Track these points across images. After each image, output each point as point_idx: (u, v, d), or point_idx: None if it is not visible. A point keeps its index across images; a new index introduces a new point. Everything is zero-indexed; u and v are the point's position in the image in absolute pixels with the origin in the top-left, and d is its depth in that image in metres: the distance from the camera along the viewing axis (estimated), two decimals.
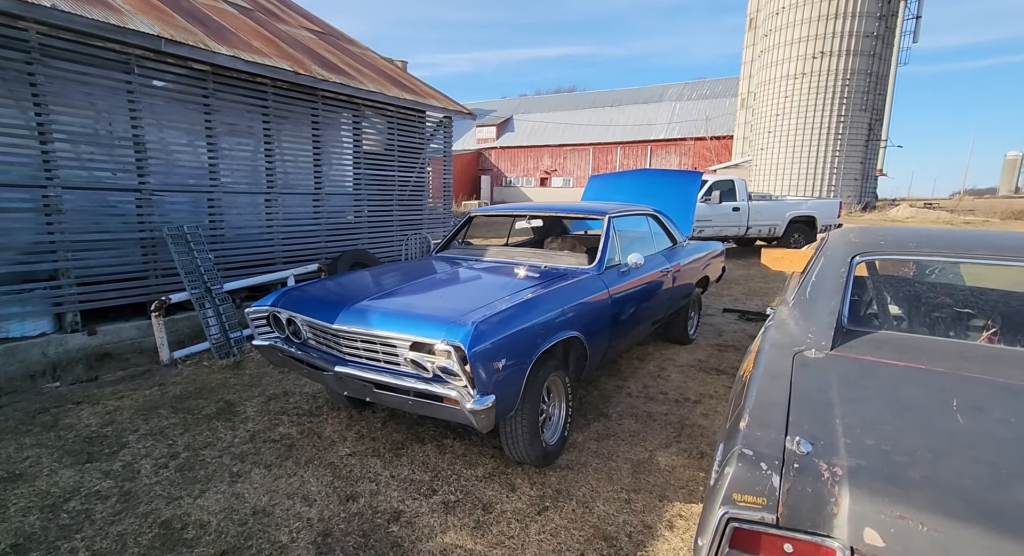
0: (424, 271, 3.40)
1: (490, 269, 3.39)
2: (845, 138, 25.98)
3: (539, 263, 3.45)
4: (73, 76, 4.12)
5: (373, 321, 2.48)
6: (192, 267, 4.56)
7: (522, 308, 2.54)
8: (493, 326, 2.31)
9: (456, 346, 2.18)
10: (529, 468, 2.71)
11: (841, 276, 1.95)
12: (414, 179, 7.24)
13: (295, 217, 5.95)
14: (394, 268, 3.59)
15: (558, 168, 38.22)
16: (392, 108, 6.86)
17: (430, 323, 2.34)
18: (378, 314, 2.51)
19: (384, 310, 2.54)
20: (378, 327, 2.44)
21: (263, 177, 5.58)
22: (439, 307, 2.56)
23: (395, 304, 2.63)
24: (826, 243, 2.52)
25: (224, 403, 3.51)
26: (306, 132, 5.99)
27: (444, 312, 2.42)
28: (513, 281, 3.03)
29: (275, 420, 3.26)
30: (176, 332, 4.71)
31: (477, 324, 2.25)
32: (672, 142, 33.98)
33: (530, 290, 2.79)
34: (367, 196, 6.72)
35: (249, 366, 4.24)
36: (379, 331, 2.42)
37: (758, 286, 8.15)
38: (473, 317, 2.32)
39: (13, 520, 2.24)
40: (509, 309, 2.47)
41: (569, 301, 2.84)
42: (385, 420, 3.26)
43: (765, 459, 1.08)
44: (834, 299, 1.86)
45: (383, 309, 2.55)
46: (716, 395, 3.72)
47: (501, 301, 2.57)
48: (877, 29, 25.48)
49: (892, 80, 28.43)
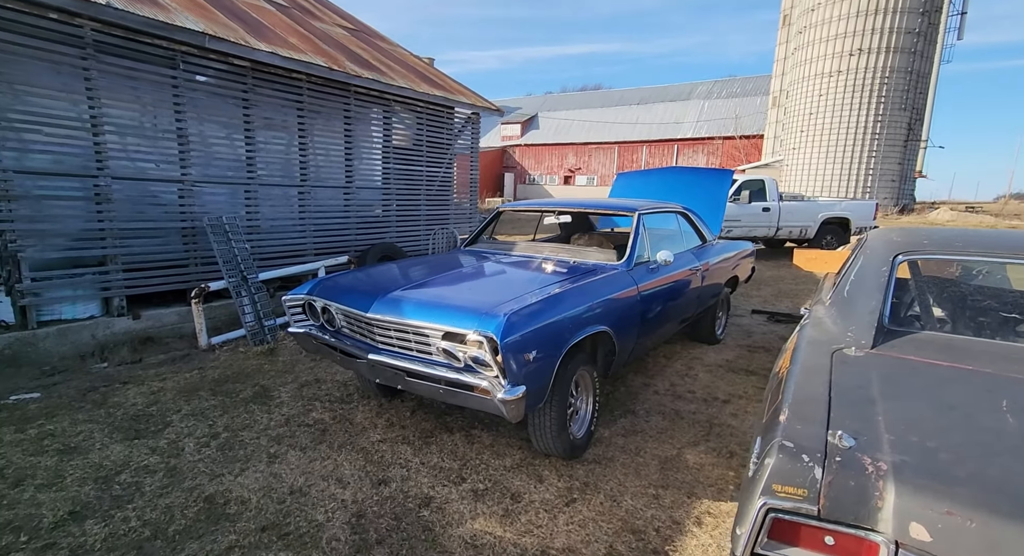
0: (454, 264, 3.45)
1: (519, 263, 3.43)
2: (883, 138, 25.18)
3: (567, 258, 3.47)
4: (123, 71, 4.29)
5: (406, 310, 2.54)
6: (230, 256, 4.71)
7: (552, 301, 2.56)
8: (524, 318, 2.34)
9: (488, 337, 2.22)
10: (556, 460, 2.74)
11: (883, 275, 1.92)
12: (441, 175, 7.32)
13: (326, 210, 6.09)
14: (424, 260, 3.65)
15: (582, 166, 38.02)
16: (421, 104, 6.94)
17: (462, 314, 2.38)
18: (411, 304, 2.57)
19: (417, 300, 2.59)
20: (411, 316, 2.49)
21: (296, 170, 5.72)
22: (471, 298, 2.61)
23: (428, 294, 2.69)
24: (865, 242, 2.48)
25: (260, 388, 3.62)
26: (338, 127, 6.11)
27: (476, 303, 2.46)
28: (542, 275, 3.06)
29: (308, 406, 3.36)
30: (213, 319, 4.88)
31: (509, 316, 2.29)
32: (700, 141, 33.46)
33: (559, 284, 2.81)
34: (396, 191, 6.82)
35: (283, 353, 4.36)
36: (412, 320, 2.48)
37: (788, 288, 7.99)
38: (505, 309, 2.35)
39: (70, 489, 2.37)
40: (540, 302, 2.50)
41: (598, 296, 2.85)
42: (414, 409, 3.32)
43: (807, 451, 1.08)
44: (875, 298, 1.83)
45: (416, 299, 2.61)
46: (746, 396, 3.68)
47: (531, 294, 2.60)
48: (919, 25, 24.59)
49: (934, 78, 27.43)
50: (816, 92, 25.96)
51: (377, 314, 2.60)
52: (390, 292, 2.71)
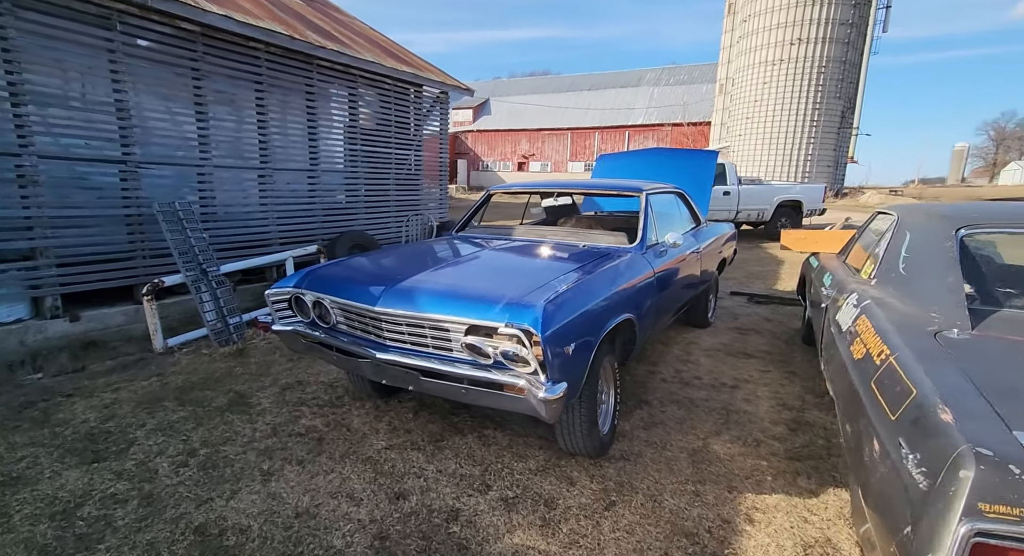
0: (455, 251, 3.17)
1: (526, 249, 3.19)
2: (820, 125, 26.46)
3: (576, 242, 3.26)
4: (48, 30, 3.66)
5: (422, 303, 2.25)
6: (186, 247, 4.20)
7: (584, 288, 2.35)
8: (561, 307, 2.12)
9: (526, 330, 1.98)
10: (583, 460, 2.55)
11: (949, 251, 1.83)
12: (412, 158, 6.91)
13: (290, 195, 5.59)
14: (419, 248, 3.34)
15: (536, 152, 37.89)
16: (389, 81, 6.49)
17: (490, 304, 2.13)
18: (427, 295, 2.28)
19: (433, 291, 2.31)
20: (428, 309, 2.22)
21: (256, 151, 5.19)
22: (494, 287, 2.35)
23: (444, 284, 2.41)
24: (901, 219, 2.40)
25: (235, 394, 3.22)
26: (300, 104, 5.59)
27: (503, 292, 2.21)
28: (558, 261, 2.84)
29: (295, 412, 3.00)
30: (167, 318, 4.35)
31: (546, 305, 2.06)
32: (650, 127, 34.03)
33: (581, 270, 2.60)
34: (364, 175, 6.37)
35: (253, 354, 3.94)
36: (430, 314, 2.20)
37: (756, 270, 8.17)
38: (539, 298, 2.12)
39: (20, 530, 1.95)
40: (572, 289, 2.28)
41: (623, 281, 2.67)
42: (416, 409, 3.04)
43: (1014, 461, 0.93)
44: (950, 275, 1.73)
45: (432, 289, 2.32)
46: (752, 380, 3.63)
47: (558, 281, 2.37)
48: (852, 17, 25.84)
49: (864, 69, 29.02)
50: (760, 80, 26.88)
51: (387, 308, 2.29)
52: (399, 282, 2.41)
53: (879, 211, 3.23)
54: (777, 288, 6.94)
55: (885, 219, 2.79)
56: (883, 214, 3.01)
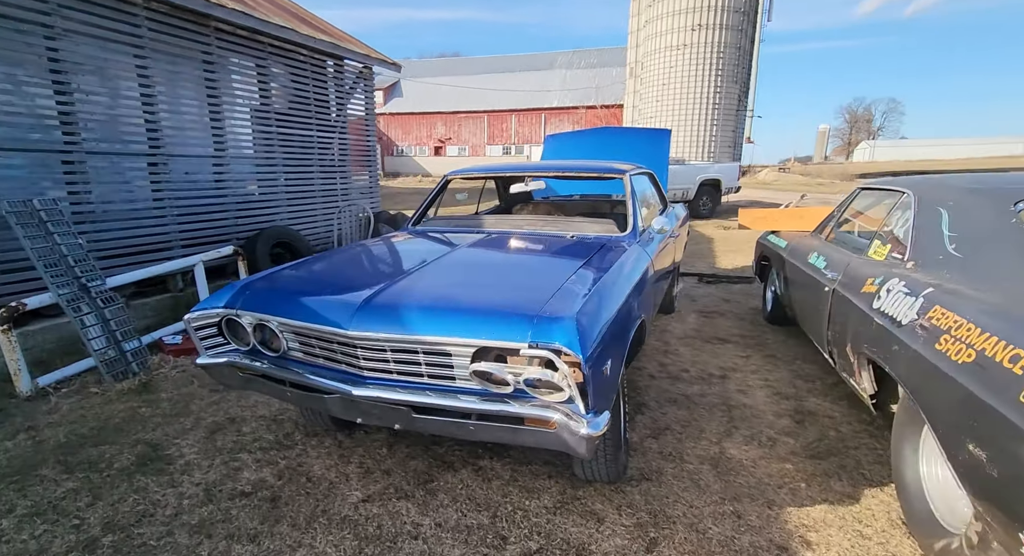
0: (425, 250, 2.65)
1: (509, 243, 2.74)
2: (721, 107, 27.97)
3: (560, 233, 2.87)
4: None
5: (412, 322, 1.75)
6: (55, 257, 3.27)
7: (605, 291, 1.97)
8: (593, 318, 1.72)
9: (558, 350, 1.57)
10: (602, 487, 2.20)
11: (1013, 228, 1.65)
12: (337, 142, 6.12)
13: (192, 188, 4.66)
14: (379, 250, 2.78)
15: (453, 136, 36.91)
16: (304, 52, 5.63)
17: (506, 320, 1.68)
18: (418, 311, 1.79)
19: (426, 305, 1.82)
20: (423, 330, 1.73)
21: (143, 134, 4.23)
22: (505, 296, 1.90)
23: (437, 296, 1.91)
24: (922, 197, 2.25)
25: (145, 447, 2.50)
26: (197, 76, 4.65)
27: (520, 302, 1.77)
28: (557, 257, 2.44)
29: (233, 462, 2.37)
30: (34, 349, 3.41)
31: (578, 318, 1.65)
32: (565, 110, 34.30)
33: (589, 267, 2.22)
34: (282, 162, 5.52)
35: (164, 387, 3.16)
36: (425, 336, 1.72)
37: (692, 248, 8.28)
38: (568, 307, 1.71)
39: None
40: (595, 293, 1.89)
41: (635, 276, 2.33)
42: (390, 442, 2.53)
43: None
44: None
45: (423, 304, 1.83)
46: (738, 368, 3.48)
47: (574, 284, 1.97)
48: (744, 5, 27.44)
49: (756, 56, 31.09)
50: (667, 64, 27.82)
51: (364, 330, 1.77)
52: (374, 296, 1.88)
53: (863, 188, 3.14)
54: (719, 266, 7.03)
55: (887, 196, 2.66)
56: (876, 191, 2.91)
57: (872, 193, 2.97)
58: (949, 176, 2.52)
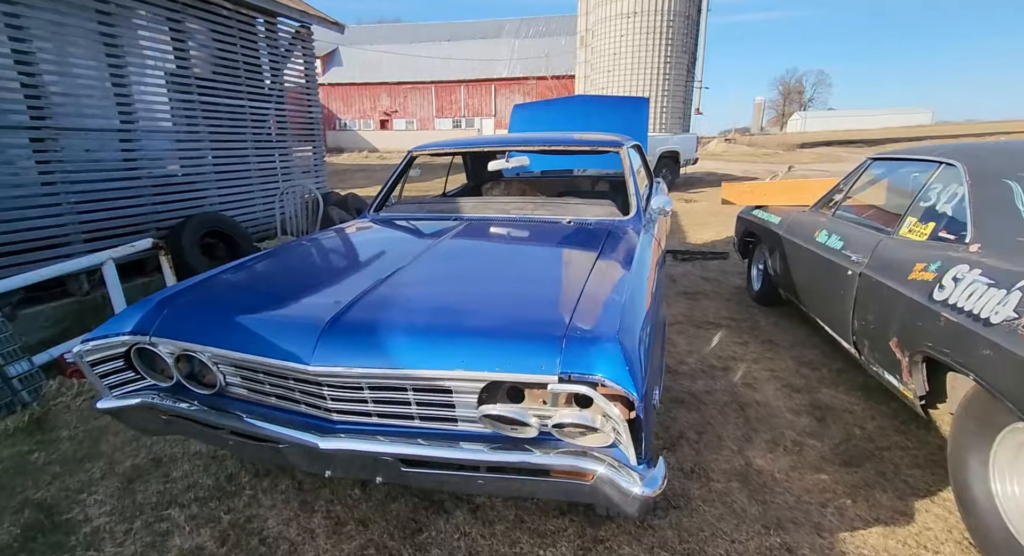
0: (398, 246, 2.17)
1: (497, 233, 2.30)
2: (672, 78, 27.96)
3: (558, 218, 2.45)
4: None
5: (399, 351, 1.31)
6: None
7: (636, 296, 1.57)
8: (634, 337, 1.33)
9: (597, 382, 1.17)
10: (625, 523, 1.86)
11: None
12: (273, 113, 5.36)
13: (94, 168, 3.87)
14: (338, 246, 2.27)
15: (399, 109, 35.27)
16: (229, 6, 4.80)
17: (524, 344, 1.27)
18: (407, 336, 1.34)
19: (417, 328, 1.37)
20: (415, 361, 1.29)
21: (20, 101, 3.42)
22: (518, 311, 1.46)
23: (429, 313, 1.46)
24: (975, 170, 1.97)
25: (34, 511, 1.94)
26: (90, 32, 3.81)
27: (541, 320, 1.35)
28: (561, 250, 2.03)
29: (159, 523, 1.86)
30: None
31: (622, 339, 1.25)
32: (515, 81, 33.37)
33: (605, 263, 1.82)
34: (208, 137, 4.74)
35: (65, 420, 2.56)
36: (419, 370, 1.28)
37: None
38: (605, 325, 1.30)
39: None
40: (627, 302, 1.49)
41: (653, 271, 1.94)
42: (361, 481, 2.08)
43: None
44: None
45: (412, 325, 1.37)
46: (738, 357, 3.23)
47: (596, 287, 1.57)
48: None
49: (704, 24, 31.15)
50: (617, 33, 27.36)
51: (332, 365, 1.31)
52: (342, 316, 1.41)
53: (875, 158, 2.88)
54: (690, 242, 6.85)
55: (917, 167, 2.39)
56: (896, 161, 2.64)
57: (888, 164, 2.71)
58: (1002, 143, 2.27)
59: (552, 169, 4.66)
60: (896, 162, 2.64)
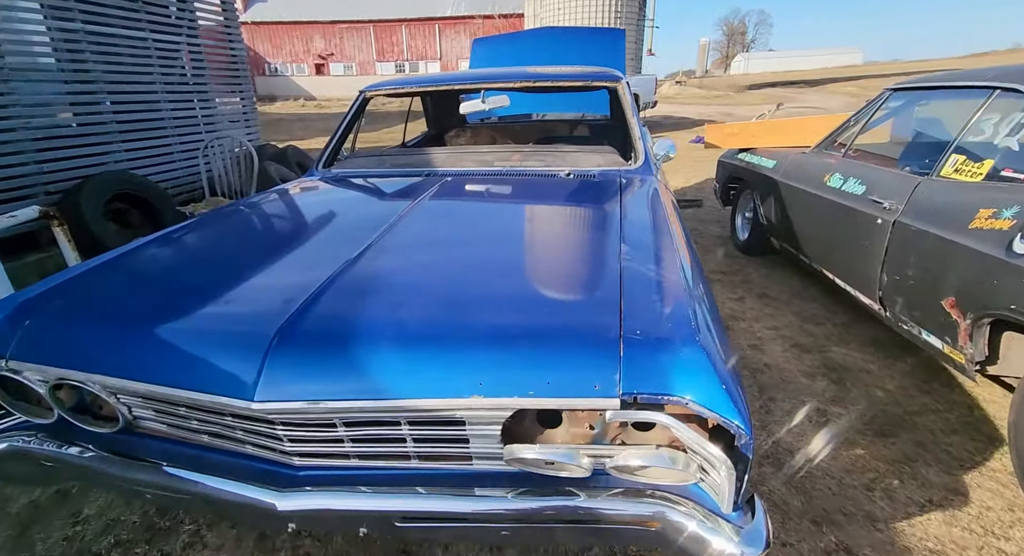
0: (360, 213, 1.69)
1: (484, 193, 1.85)
2: (623, 17, 26.92)
3: (550, 169, 2.02)
4: None
5: (385, 373, 0.89)
6: None
7: (689, 270, 1.21)
8: (711, 335, 0.96)
9: (689, 406, 0.83)
10: None
11: None
12: (186, 50, 4.47)
13: None
14: (272, 210, 1.76)
15: (335, 51, 32.52)
16: None
17: (567, 356, 0.89)
18: (394, 352, 0.92)
19: (409, 338, 0.95)
20: (410, 388, 0.89)
21: None
22: (546, 307, 1.05)
23: (422, 315, 1.02)
24: None
25: None
26: None
27: (583, 320, 0.96)
28: (572, 210, 1.61)
29: None
30: None
31: (703, 344, 0.89)
32: (461, 20, 31.28)
33: (633, 227, 1.43)
34: (104, 77, 3.89)
35: None
36: (416, 400, 0.88)
37: None
38: (675, 325, 0.93)
39: None
40: (685, 282, 1.13)
41: (683, 230, 1.58)
42: None
43: None
44: None
45: (403, 335, 0.95)
46: (737, 315, 3.00)
47: (636, 263, 1.19)
48: None
49: None
50: None
51: (287, 400, 0.89)
52: (297, 323, 0.97)
53: (896, 88, 2.56)
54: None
55: (959, 96, 2.09)
56: (927, 91, 2.33)
57: (913, 95, 2.41)
58: None
59: (511, 114, 4.15)
60: (924, 92, 2.33)
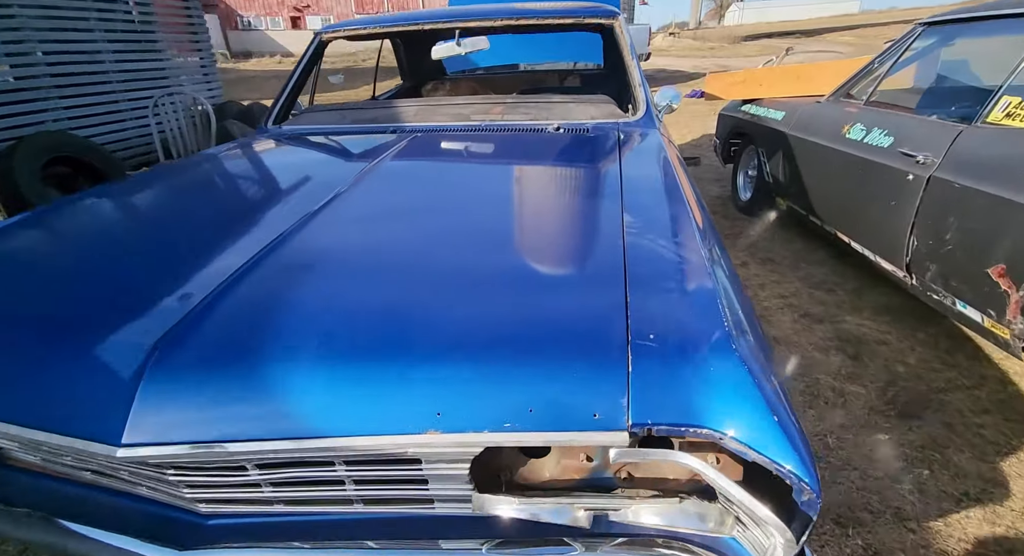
0: (298, 179, 1.39)
1: (456, 152, 1.56)
2: None
3: (536, 123, 1.72)
4: None
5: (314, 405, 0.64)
6: None
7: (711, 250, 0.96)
8: (753, 339, 0.71)
9: (725, 444, 0.59)
10: None
11: None
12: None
13: None
14: (188, 180, 1.46)
15: (311, 3, 30.74)
16: None
17: (555, 372, 0.64)
18: (328, 372, 0.67)
19: (342, 350, 0.69)
20: (346, 423, 0.64)
21: None
22: (525, 304, 0.78)
23: (357, 317, 0.76)
24: None
25: None
26: None
27: (576, 319, 0.71)
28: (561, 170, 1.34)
29: None
30: None
31: (741, 351, 0.64)
32: None
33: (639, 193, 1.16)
34: (31, 23, 3.43)
35: None
36: (356, 440, 0.64)
37: None
38: (701, 324, 0.68)
39: None
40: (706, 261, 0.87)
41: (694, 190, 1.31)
42: None
43: None
44: None
45: (333, 345, 0.69)
46: (741, 282, 2.77)
47: (644, 240, 0.93)
48: None
49: None
50: None
51: (166, 444, 0.64)
52: (186, 333, 0.70)
53: (928, 22, 2.24)
54: None
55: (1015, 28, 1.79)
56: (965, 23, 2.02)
57: (950, 29, 2.10)
58: None
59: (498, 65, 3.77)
60: (964, 25, 2.03)
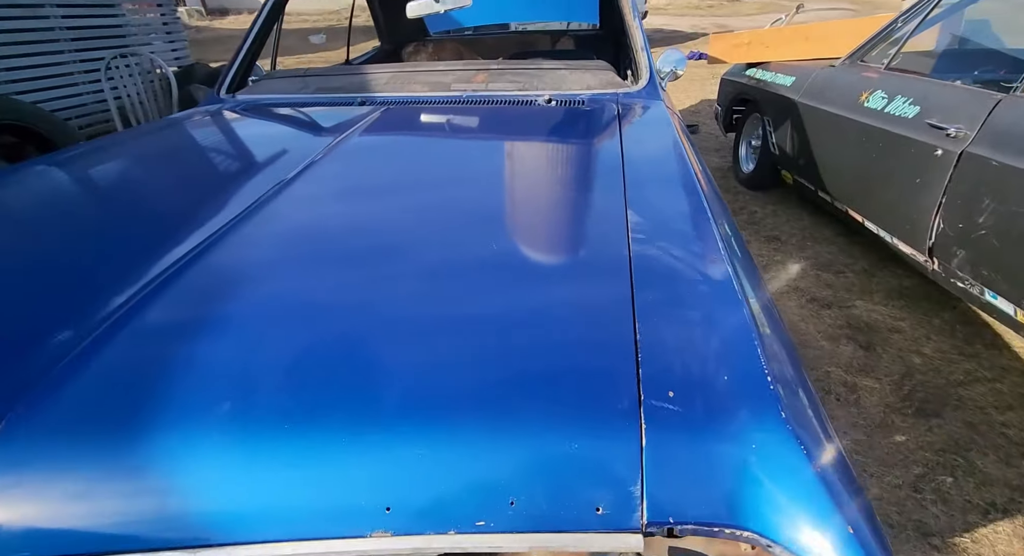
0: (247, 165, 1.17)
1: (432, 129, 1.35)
2: None
3: (525, 94, 1.49)
4: None
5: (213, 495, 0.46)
6: None
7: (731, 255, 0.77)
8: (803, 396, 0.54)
9: (773, 553, 0.41)
10: None
11: None
12: None
13: None
14: (108, 165, 1.23)
15: None
16: None
17: (538, 447, 0.46)
18: (230, 447, 0.47)
19: (254, 416, 0.50)
20: (251, 520, 0.45)
21: None
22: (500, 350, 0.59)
23: (278, 369, 0.56)
24: None
25: None
26: None
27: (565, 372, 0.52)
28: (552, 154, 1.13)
29: None
30: None
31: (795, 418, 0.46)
32: None
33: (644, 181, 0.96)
34: None
35: None
36: (266, 547, 0.45)
37: None
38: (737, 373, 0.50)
39: None
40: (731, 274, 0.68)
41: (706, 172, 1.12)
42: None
43: None
44: None
45: (244, 407, 0.50)
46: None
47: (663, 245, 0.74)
48: None
49: None
50: None
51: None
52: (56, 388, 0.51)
53: None
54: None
55: None
56: None
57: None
58: None
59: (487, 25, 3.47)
60: None
